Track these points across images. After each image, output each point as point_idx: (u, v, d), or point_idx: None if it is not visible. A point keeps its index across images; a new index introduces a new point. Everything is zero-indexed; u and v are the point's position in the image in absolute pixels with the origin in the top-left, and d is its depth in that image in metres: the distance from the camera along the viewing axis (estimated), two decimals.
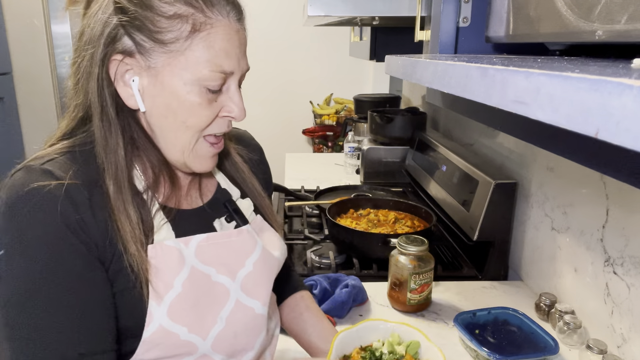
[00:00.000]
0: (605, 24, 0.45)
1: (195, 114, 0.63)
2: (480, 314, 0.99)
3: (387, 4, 1.06)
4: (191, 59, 0.60)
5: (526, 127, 0.55)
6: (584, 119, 0.27)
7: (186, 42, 0.60)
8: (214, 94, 0.63)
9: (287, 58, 3.67)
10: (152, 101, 0.62)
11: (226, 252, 0.70)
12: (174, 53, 0.60)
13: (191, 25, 0.59)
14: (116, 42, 0.60)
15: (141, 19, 0.59)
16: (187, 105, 0.62)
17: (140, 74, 0.62)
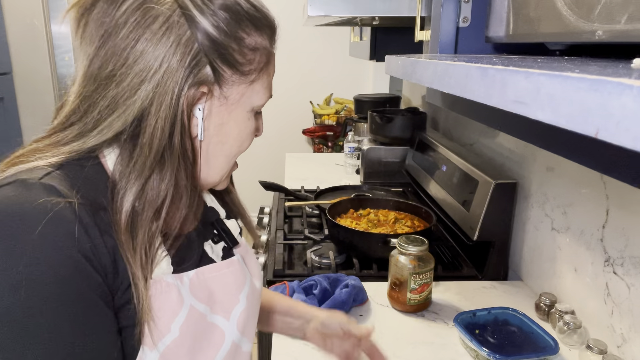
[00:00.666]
0: (605, 24, 0.45)
1: (249, 139, 0.65)
2: (480, 314, 0.99)
3: (387, 4, 1.06)
4: (258, 88, 0.62)
5: (526, 127, 0.55)
6: (584, 119, 0.27)
7: (260, 74, 0.61)
8: (256, 118, 0.65)
9: (287, 58, 3.67)
10: (215, 130, 0.61)
11: (219, 286, 0.65)
12: (248, 83, 0.60)
13: (266, 57, 0.61)
14: (198, 71, 0.56)
15: (229, 49, 0.57)
16: (247, 131, 0.64)
17: (210, 102, 0.59)
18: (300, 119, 3.77)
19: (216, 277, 0.65)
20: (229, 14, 0.56)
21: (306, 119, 3.77)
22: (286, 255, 1.32)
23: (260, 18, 0.60)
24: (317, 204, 1.63)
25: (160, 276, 0.58)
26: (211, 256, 0.67)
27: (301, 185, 1.92)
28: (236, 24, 0.57)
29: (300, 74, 3.71)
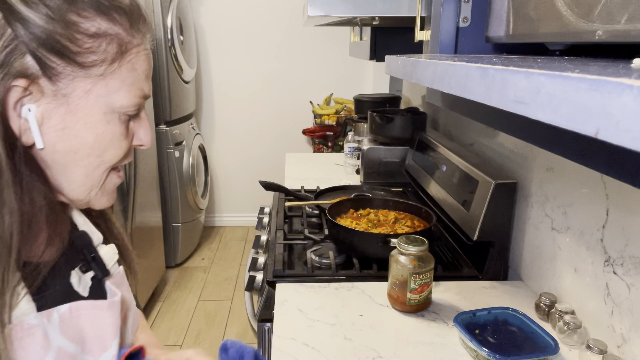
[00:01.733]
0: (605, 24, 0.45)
1: (115, 146, 0.55)
2: (480, 314, 0.99)
3: (387, 4, 1.06)
4: (114, 84, 0.52)
5: (526, 127, 0.55)
6: (584, 119, 0.27)
7: (111, 66, 0.51)
8: (130, 121, 0.56)
9: (287, 58, 3.67)
10: (58, 135, 0.51)
11: (92, 326, 0.57)
12: (94, 78, 0.51)
13: (117, 46, 0.52)
14: (13, 62, 0.47)
15: (56, 36, 0.48)
16: (107, 137, 0.53)
17: (40, 101, 0.49)
18: (300, 119, 3.77)
19: (92, 315, 0.57)
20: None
21: (306, 119, 3.77)
22: (286, 255, 1.32)
23: (105, 1, 0.51)
24: (317, 204, 1.63)
25: (20, 318, 0.49)
26: (77, 289, 0.58)
27: (301, 185, 1.92)
28: (67, 6, 0.49)
29: (300, 74, 3.70)
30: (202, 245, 3.60)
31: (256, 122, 3.78)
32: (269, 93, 3.73)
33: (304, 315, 1.05)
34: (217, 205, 3.96)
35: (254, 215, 3.96)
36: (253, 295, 1.37)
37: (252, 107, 3.75)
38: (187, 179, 3.15)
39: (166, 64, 2.90)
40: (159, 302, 2.83)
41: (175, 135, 3.02)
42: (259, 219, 1.70)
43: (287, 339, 0.97)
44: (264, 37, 3.62)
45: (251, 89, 3.72)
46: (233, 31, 3.59)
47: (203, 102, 3.72)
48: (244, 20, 3.57)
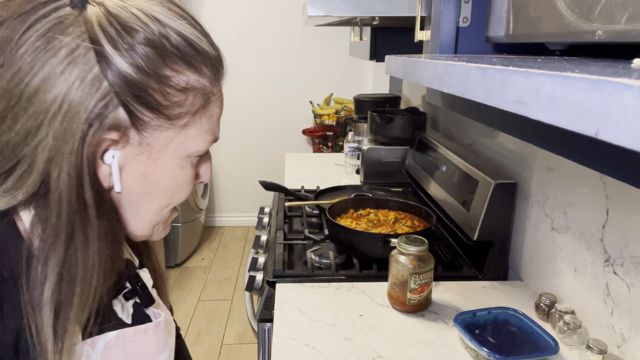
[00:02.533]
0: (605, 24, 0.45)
1: (185, 189, 0.56)
2: (480, 314, 0.99)
3: (387, 4, 1.06)
4: (192, 133, 0.53)
5: (526, 127, 0.55)
6: (584, 119, 0.27)
7: (194, 117, 0.53)
8: (197, 163, 0.57)
9: (287, 58, 3.67)
10: (137, 179, 0.52)
11: (137, 351, 0.57)
12: (178, 128, 0.52)
13: (202, 99, 0.53)
14: (107, 114, 0.47)
15: (150, 90, 0.48)
16: (179, 181, 0.55)
17: (125, 149, 0.50)
18: (300, 119, 3.77)
19: (137, 341, 0.57)
20: (151, 49, 0.48)
21: (306, 119, 3.77)
22: (286, 255, 1.32)
23: (195, 54, 0.52)
24: (317, 204, 1.63)
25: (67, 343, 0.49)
26: (120, 316, 0.57)
27: (301, 185, 1.92)
28: (160, 60, 0.49)
29: (300, 74, 3.71)
30: (202, 245, 3.60)
31: (256, 122, 3.78)
32: (269, 93, 3.73)
33: (304, 315, 1.05)
34: (217, 205, 3.96)
35: (254, 215, 3.97)
36: (253, 295, 1.37)
37: (252, 107, 3.75)
38: None
39: None
40: None
41: None
42: (259, 219, 1.70)
43: (287, 339, 0.97)
44: (264, 37, 3.62)
45: (251, 88, 3.72)
46: (233, 31, 3.59)
47: None
48: (244, 20, 3.58)
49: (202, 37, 0.53)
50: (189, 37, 0.51)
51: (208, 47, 0.54)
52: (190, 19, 0.53)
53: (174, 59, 0.50)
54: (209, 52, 0.53)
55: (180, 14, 0.52)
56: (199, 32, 0.53)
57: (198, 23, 0.54)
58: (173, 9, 0.52)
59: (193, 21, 0.54)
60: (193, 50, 0.51)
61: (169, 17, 0.50)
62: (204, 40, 0.53)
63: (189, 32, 0.51)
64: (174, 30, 0.50)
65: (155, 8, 0.50)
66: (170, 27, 0.50)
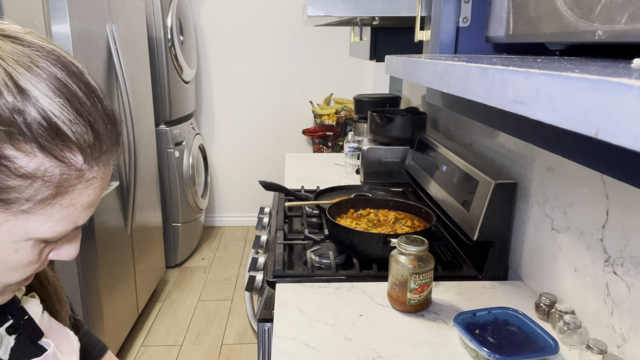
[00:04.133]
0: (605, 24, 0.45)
1: (18, 272, 0.49)
2: (480, 314, 0.99)
3: (387, 4, 1.06)
4: (38, 219, 0.46)
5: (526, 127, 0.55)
6: (584, 119, 0.27)
7: (39, 206, 0.45)
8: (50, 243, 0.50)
9: (287, 58, 3.67)
10: None
11: None
12: (14, 212, 0.44)
13: (55, 189, 0.44)
14: None
15: None
16: (10, 264, 0.47)
17: None
18: (300, 119, 3.77)
19: None
20: None
21: (306, 119, 3.77)
22: (286, 255, 1.32)
23: (56, 139, 0.43)
24: (317, 204, 1.63)
25: None
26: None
27: (301, 185, 1.92)
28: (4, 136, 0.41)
29: (300, 74, 3.70)
30: (202, 245, 3.60)
31: (256, 122, 3.78)
32: (269, 93, 3.73)
33: (304, 315, 1.05)
34: (217, 205, 3.96)
35: (254, 215, 3.96)
36: (253, 295, 1.37)
37: (252, 107, 3.75)
38: (187, 179, 3.15)
39: (166, 64, 2.90)
40: (159, 302, 2.83)
41: (175, 135, 3.02)
42: (259, 219, 1.70)
43: (287, 339, 0.97)
44: (264, 37, 3.62)
45: (251, 89, 3.72)
46: (233, 31, 3.59)
47: (203, 102, 3.72)
48: (244, 20, 3.57)
49: (76, 120, 0.45)
50: (53, 120, 0.43)
51: (80, 133, 0.45)
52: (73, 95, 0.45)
53: (23, 138, 0.42)
54: (78, 139, 0.45)
55: (61, 88, 0.44)
56: (73, 113, 0.44)
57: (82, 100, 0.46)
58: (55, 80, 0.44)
59: (75, 98, 0.45)
60: (53, 135, 0.43)
61: (40, 90, 0.43)
62: (76, 124, 0.44)
63: (56, 113, 0.43)
64: (36, 107, 0.43)
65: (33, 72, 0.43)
66: (33, 102, 0.42)
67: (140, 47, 2.53)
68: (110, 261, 2.10)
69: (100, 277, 1.97)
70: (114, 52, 2.10)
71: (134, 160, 2.28)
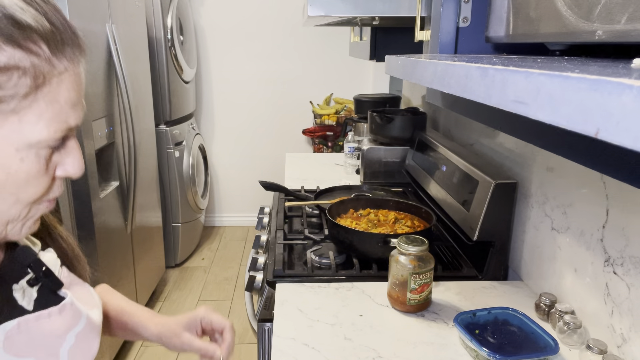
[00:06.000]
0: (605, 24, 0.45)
1: (32, 185, 0.50)
2: (480, 314, 0.99)
3: (387, 4, 1.06)
4: (29, 119, 0.47)
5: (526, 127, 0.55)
6: (584, 119, 0.27)
7: (25, 100, 0.46)
8: (54, 153, 0.52)
9: (287, 58, 3.67)
10: None
11: (41, 335, 0.55)
12: (5, 114, 0.46)
13: (32, 79, 0.46)
14: None
15: None
16: (21, 176, 0.49)
17: None
18: (300, 119, 3.77)
19: (41, 325, 0.55)
20: None
21: (306, 119, 3.77)
22: (286, 255, 1.32)
23: (15, 28, 0.45)
24: (317, 204, 1.63)
25: None
26: (21, 303, 0.55)
27: (301, 185, 1.92)
28: None
29: (300, 74, 3.70)
30: (202, 245, 3.60)
31: (256, 122, 3.78)
32: (269, 93, 3.73)
33: (304, 315, 1.05)
34: (217, 205, 3.96)
35: (254, 215, 3.96)
36: (253, 295, 1.38)
37: (252, 107, 3.75)
38: (187, 179, 3.15)
39: (166, 64, 2.90)
40: (159, 302, 2.83)
41: (175, 135, 3.02)
42: (259, 219, 1.70)
43: (287, 339, 0.97)
44: (264, 37, 3.62)
45: (251, 89, 3.72)
46: (233, 31, 3.59)
47: (203, 102, 3.72)
48: (244, 20, 3.57)
49: (26, 8, 0.46)
50: (8, 11, 0.45)
51: (35, 20, 0.47)
52: None
53: None
54: (35, 26, 0.46)
55: None
56: (23, 3, 0.46)
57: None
58: None
59: None
60: (12, 24, 0.45)
61: None
62: (29, 12, 0.46)
63: (6, 4, 0.45)
64: None
65: None
66: None
67: (140, 47, 2.53)
68: (110, 261, 2.10)
69: (100, 277, 1.98)
70: (114, 52, 2.10)
71: (134, 160, 2.28)
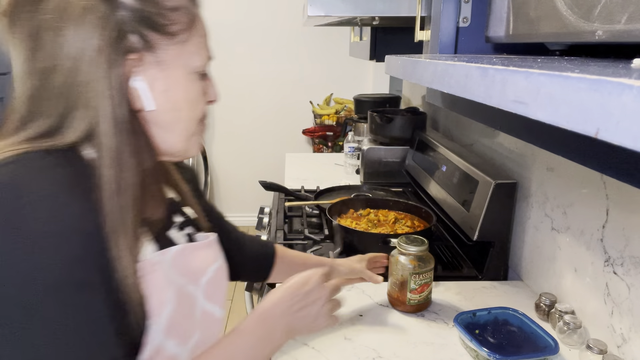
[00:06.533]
0: (605, 24, 0.45)
1: (199, 103, 0.66)
2: (480, 314, 0.99)
3: (387, 4, 1.06)
4: (191, 49, 0.62)
5: (526, 127, 0.55)
6: (584, 119, 0.27)
7: (188, 33, 0.62)
8: (202, 80, 0.66)
9: (287, 58, 3.67)
10: (162, 97, 0.61)
11: (196, 261, 0.70)
12: (179, 45, 0.61)
13: (189, 17, 0.62)
14: (123, 42, 0.56)
15: (150, 15, 0.57)
16: (194, 93, 0.64)
17: (146, 71, 0.59)
18: (300, 119, 3.77)
19: (196, 252, 0.71)
20: None
21: (306, 119, 3.77)
22: None
23: None
24: (317, 204, 1.63)
25: (146, 256, 0.62)
26: (178, 242, 0.71)
27: (301, 185, 1.92)
28: None
29: (300, 74, 3.70)
30: None
31: (256, 122, 3.78)
32: (269, 93, 3.73)
33: None
34: (217, 204, 3.96)
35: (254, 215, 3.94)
36: (253, 295, 1.37)
37: (252, 107, 3.75)
38: None
39: None
40: None
41: None
42: (259, 219, 1.70)
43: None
44: (263, 37, 3.61)
45: (251, 89, 3.72)
46: (233, 31, 3.59)
47: None
48: (243, 20, 3.57)
49: None
50: None
51: None
52: None
53: None
54: None
55: None
56: None
57: None
58: None
59: None
60: None
61: None
62: None
63: None
64: None
65: None
66: None
67: None
68: None
69: None
70: None
71: None
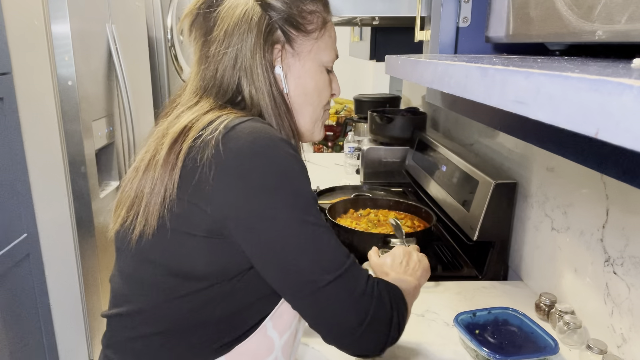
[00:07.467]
0: (605, 24, 0.45)
1: (327, 89, 0.79)
2: (480, 314, 0.99)
3: (387, 4, 1.06)
4: (322, 46, 0.76)
5: (526, 127, 0.55)
6: (584, 119, 0.27)
7: (320, 32, 0.76)
8: (328, 74, 0.80)
9: None
10: (295, 82, 0.76)
11: None
12: (313, 41, 0.75)
13: (322, 19, 0.76)
14: (272, 36, 0.73)
15: (294, 16, 0.73)
16: (322, 82, 0.78)
17: (286, 60, 0.75)
18: None
19: None
20: None
21: None
22: None
23: None
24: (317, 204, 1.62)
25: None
26: None
27: None
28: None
29: None
30: None
31: None
32: None
33: None
34: None
35: None
36: None
37: None
38: None
39: (166, 64, 2.90)
40: None
41: None
42: None
43: None
44: None
45: None
46: None
47: None
48: None
49: None
50: None
51: None
52: None
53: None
54: None
55: None
56: None
57: None
58: None
59: None
60: None
61: None
62: None
63: None
64: None
65: None
66: None
67: (140, 47, 2.52)
68: (111, 261, 2.10)
69: (100, 276, 1.98)
70: (114, 52, 2.10)
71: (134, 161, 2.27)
